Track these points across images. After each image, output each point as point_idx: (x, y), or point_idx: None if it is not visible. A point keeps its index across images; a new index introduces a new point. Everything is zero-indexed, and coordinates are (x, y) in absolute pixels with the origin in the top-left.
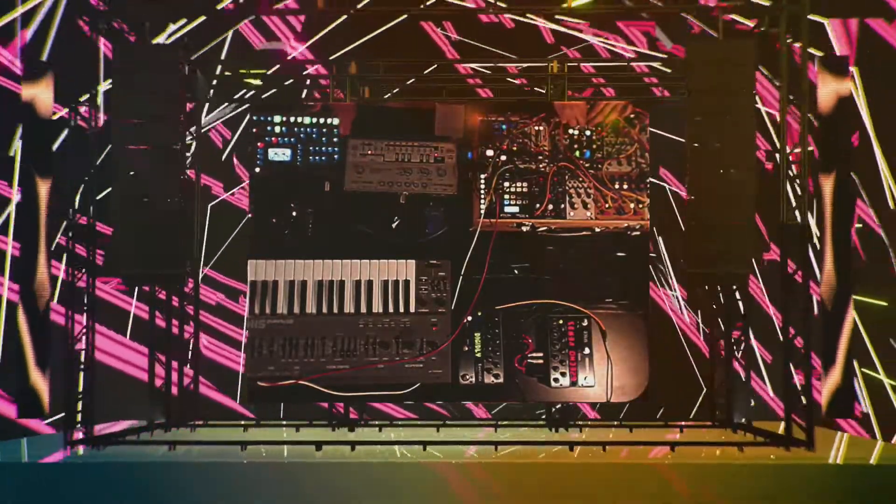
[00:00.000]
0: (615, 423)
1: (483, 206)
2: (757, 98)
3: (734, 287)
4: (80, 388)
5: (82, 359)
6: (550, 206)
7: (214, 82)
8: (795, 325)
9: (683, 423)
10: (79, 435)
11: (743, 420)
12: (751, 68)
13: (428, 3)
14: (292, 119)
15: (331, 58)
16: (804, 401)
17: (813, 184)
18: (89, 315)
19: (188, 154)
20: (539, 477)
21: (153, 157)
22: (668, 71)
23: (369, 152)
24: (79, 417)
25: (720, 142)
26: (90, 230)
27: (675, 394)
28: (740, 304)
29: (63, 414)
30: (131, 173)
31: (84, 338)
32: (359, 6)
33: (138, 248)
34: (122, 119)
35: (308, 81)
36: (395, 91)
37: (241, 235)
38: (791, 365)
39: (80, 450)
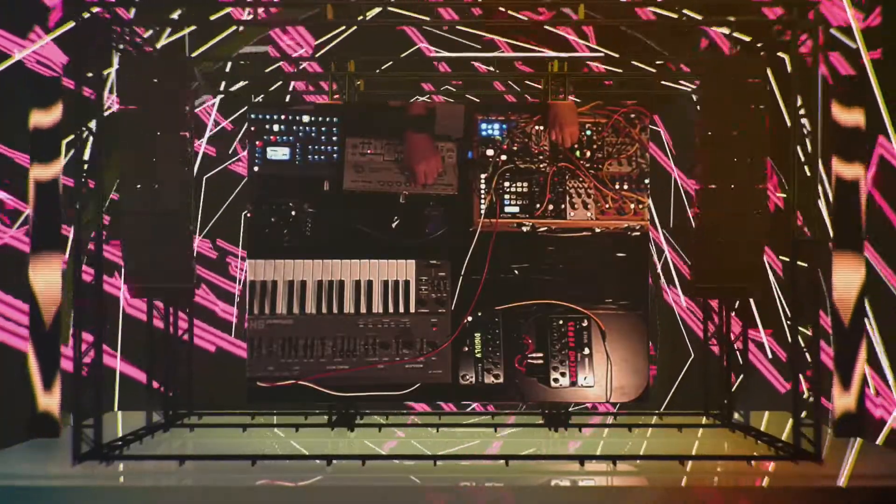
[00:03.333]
0: (614, 422)
1: (483, 206)
2: None
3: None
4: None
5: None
6: (550, 206)
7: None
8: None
9: (682, 423)
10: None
11: (742, 419)
12: (762, 84)
13: None
14: (291, 118)
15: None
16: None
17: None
18: (98, 330)
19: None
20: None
21: (160, 169)
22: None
23: (368, 151)
24: None
25: (731, 157)
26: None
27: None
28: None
29: None
30: (138, 186)
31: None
32: (369, 16)
33: (147, 263)
34: (128, 128)
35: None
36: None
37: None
38: (800, 377)
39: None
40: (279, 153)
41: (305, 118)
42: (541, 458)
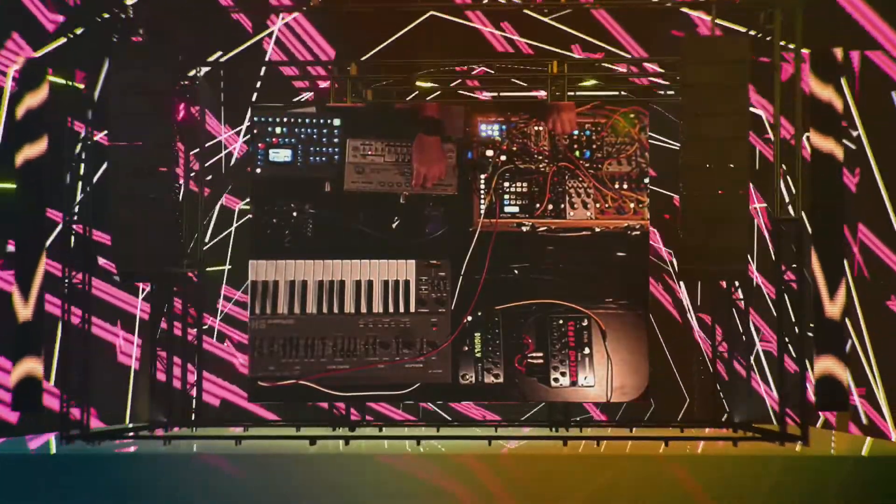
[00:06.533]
0: (616, 423)
1: (483, 206)
2: None
3: (734, 285)
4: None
5: None
6: (550, 206)
7: None
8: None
9: (683, 423)
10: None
11: (744, 420)
12: (745, 64)
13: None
14: (293, 120)
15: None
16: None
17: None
18: (85, 311)
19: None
20: (533, 471)
21: (148, 157)
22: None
23: (369, 153)
24: None
25: (715, 136)
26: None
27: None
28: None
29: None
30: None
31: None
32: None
33: (135, 246)
34: (118, 119)
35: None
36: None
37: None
38: (785, 360)
39: None
40: (281, 155)
41: (307, 120)
42: (523, 438)
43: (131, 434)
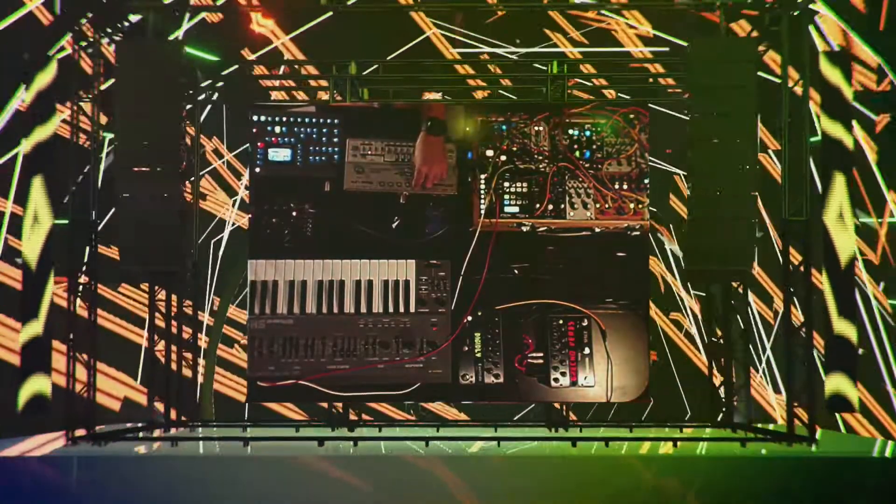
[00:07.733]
0: (616, 423)
1: (483, 206)
2: None
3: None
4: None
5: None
6: (550, 206)
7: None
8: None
9: (684, 423)
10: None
11: (743, 420)
12: (752, 65)
13: None
14: (292, 119)
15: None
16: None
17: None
18: (91, 309)
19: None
20: (537, 471)
21: (153, 156)
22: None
23: (369, 152)
24: None
25: (722, 138)
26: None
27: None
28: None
29: None
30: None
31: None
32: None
33: (139, 246)
34: (122, 116)
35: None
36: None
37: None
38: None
39: None
40: (280, 154)
41: (307, 119)
42: (533, 439)
43: (138, 435)
